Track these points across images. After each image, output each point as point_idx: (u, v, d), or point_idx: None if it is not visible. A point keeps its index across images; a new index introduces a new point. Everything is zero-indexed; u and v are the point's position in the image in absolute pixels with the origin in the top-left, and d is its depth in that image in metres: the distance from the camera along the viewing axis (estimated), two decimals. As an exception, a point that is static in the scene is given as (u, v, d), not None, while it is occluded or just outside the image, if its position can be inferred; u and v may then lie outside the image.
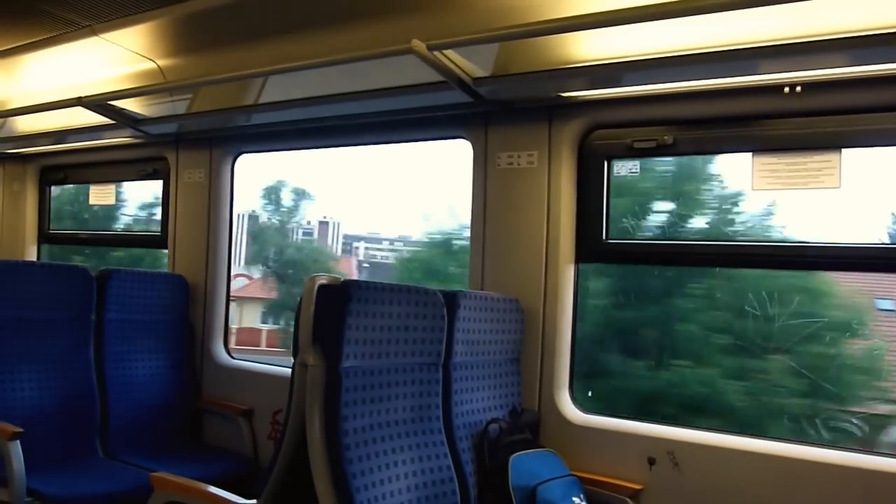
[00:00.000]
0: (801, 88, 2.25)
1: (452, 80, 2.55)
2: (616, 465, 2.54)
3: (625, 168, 2.76)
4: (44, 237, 4.99)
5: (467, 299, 2.43)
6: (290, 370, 2.18)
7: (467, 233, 3.01)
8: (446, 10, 2.50)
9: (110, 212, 5.38)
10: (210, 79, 3.09)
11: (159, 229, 4.15)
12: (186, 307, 3.76)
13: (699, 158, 3.12)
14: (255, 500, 2.20)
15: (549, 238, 2.73)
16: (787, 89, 2.27)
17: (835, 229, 2.61)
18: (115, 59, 3.36)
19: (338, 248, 7.01)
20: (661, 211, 3.27)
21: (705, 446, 2.40)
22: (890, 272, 2.66)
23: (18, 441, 2.67)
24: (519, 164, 2.79)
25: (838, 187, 2.32)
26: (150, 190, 4.86)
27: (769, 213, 2.97)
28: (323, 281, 2.12)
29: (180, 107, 3.61)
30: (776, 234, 2.98)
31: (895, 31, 1.90)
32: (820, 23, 1.99)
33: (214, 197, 3.80)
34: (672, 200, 3.27)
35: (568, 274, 2.74)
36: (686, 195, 3.23)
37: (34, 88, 3.85)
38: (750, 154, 2.46)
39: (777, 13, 1.92)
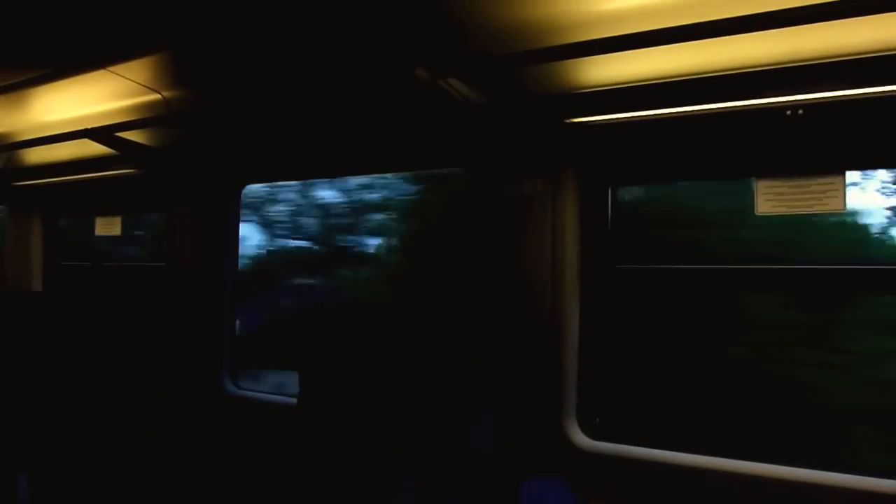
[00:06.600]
0: (803, 111, 2.26)
1: (456, 107, 2.57)
2: (627, 493, 2.49)
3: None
4: (49, 269, 5.00)
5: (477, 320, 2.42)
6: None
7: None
8: (449, 37, 2.53)
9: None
10: (215, 110, 3.12)
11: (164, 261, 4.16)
12: (190, 336, 3.74)
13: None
14: None
15: (555, 264, 2.72)
16: (788, 112, 2.28)
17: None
18: (122, 90, 3.40)
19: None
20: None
21: (723, 473, 2.34)
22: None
23: (24, 475, 2.65)
24: (523, 191, 2.79)
25: (843, 209, 2.31)
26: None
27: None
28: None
29: (185, 138, 3.64)
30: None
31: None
32: (821, 45, 2.00)
33: (220, 227, 3.80)
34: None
35: (574, 300, 2.72)
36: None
37: (42, 121, 3.89)
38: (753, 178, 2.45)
39: (778, 36, 1.94)
